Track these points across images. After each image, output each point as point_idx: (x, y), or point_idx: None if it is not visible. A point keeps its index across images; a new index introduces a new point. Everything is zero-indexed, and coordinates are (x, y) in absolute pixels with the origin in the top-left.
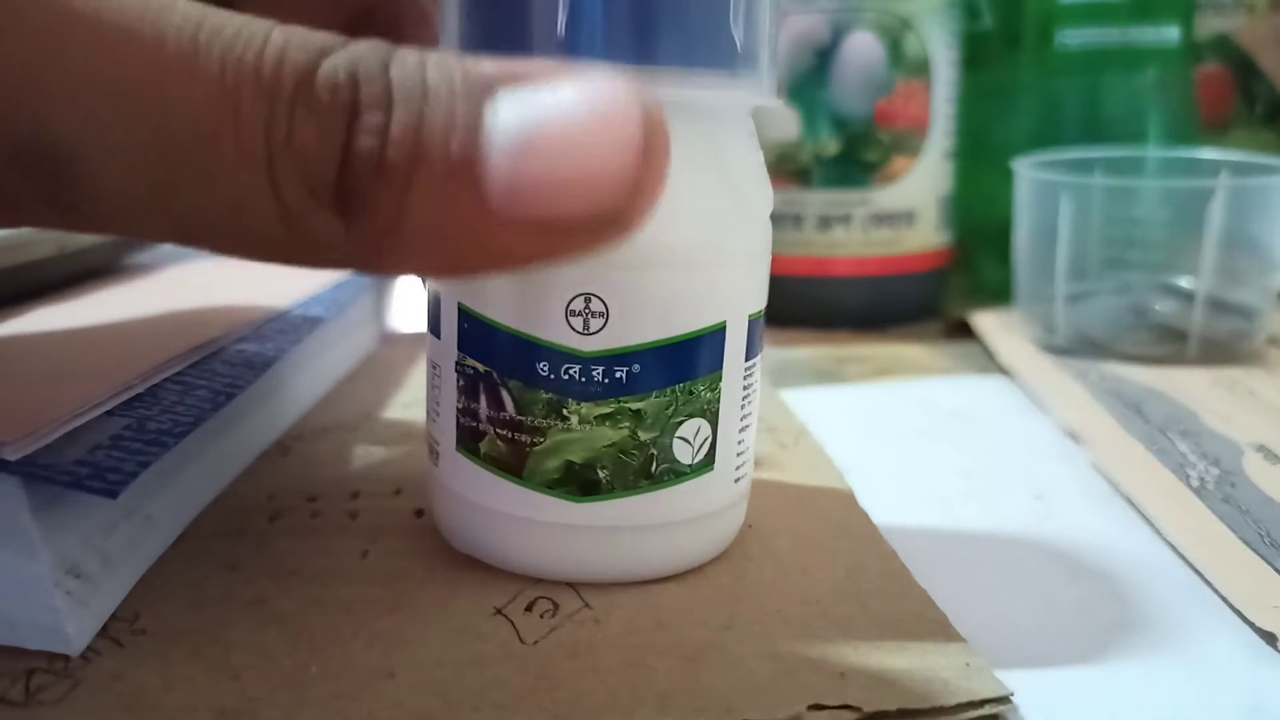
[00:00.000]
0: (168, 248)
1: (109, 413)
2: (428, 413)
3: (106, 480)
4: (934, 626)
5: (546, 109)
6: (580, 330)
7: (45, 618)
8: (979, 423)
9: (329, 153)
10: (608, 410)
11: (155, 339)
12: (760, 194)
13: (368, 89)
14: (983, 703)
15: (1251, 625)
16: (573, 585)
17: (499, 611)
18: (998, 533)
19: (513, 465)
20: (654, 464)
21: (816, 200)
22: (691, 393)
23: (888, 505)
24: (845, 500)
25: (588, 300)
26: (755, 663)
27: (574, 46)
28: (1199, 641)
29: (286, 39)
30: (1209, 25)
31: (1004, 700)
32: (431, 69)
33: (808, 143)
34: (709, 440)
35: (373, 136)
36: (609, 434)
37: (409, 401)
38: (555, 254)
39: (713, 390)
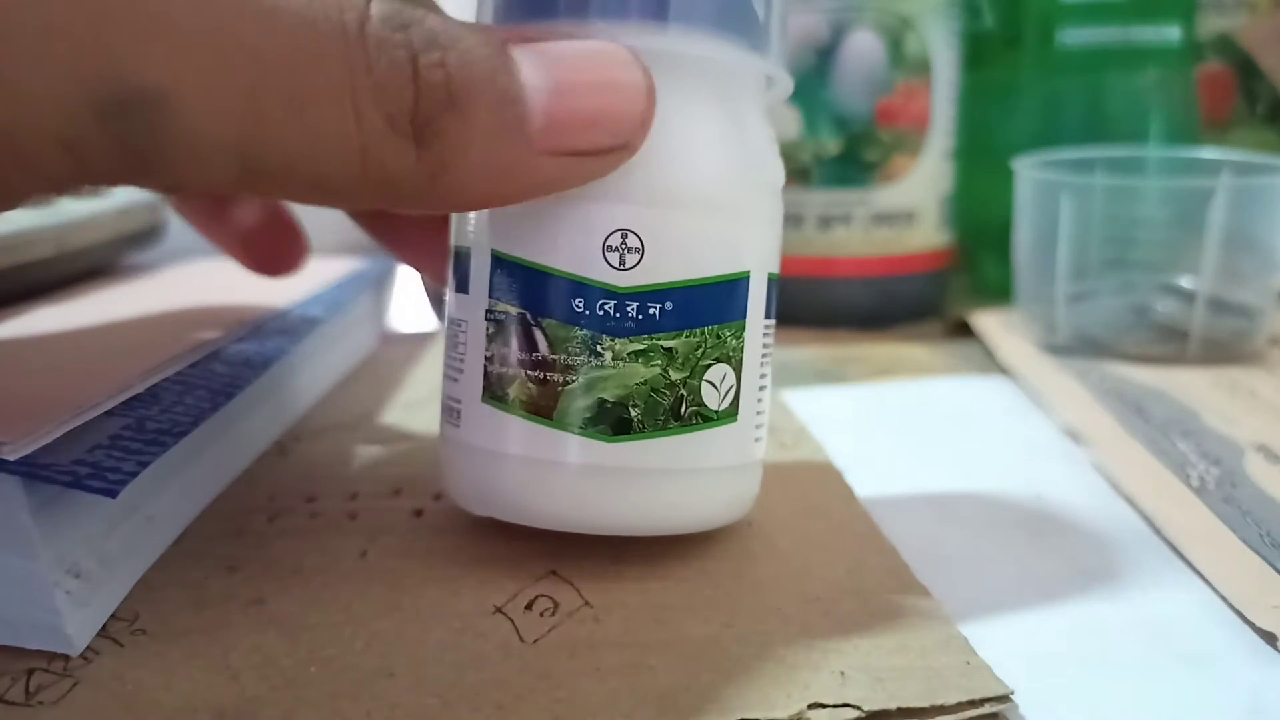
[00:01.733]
0: (167, 248)
1: (109, 413)
2: (445, 379)
3: (106, 480)
4: (934, 625)
5: (568, 59)
6: (617, 266)
7: (45, 618)
8: (979, 422)
9: (405, 83)
10: (641, 347)
11: (155, 339)
12: (774, 165)
13: (418, 32)
14: (983, 701)
15: (1251, 625)
16: (573, 584)
17: (499, 610)
18: (998, 532)
19: (544, 407)
20: (683, 405)
21: (817, 200)
22: (719, 337)
23: (888, 504)
24: (845, 498)
25: (624, 236)
26: (755, 662)
27: (605, 8)
28: (1199, 641)
29: None
30: (1210, 24)
31: (1004, 699)
32: (454, 22)
33: (808, 142)
34: (734, 389)
35: (437, 70)
36: (641, 370)
37: (409, 402)
38: (575, 179)
39: (738, 338)
